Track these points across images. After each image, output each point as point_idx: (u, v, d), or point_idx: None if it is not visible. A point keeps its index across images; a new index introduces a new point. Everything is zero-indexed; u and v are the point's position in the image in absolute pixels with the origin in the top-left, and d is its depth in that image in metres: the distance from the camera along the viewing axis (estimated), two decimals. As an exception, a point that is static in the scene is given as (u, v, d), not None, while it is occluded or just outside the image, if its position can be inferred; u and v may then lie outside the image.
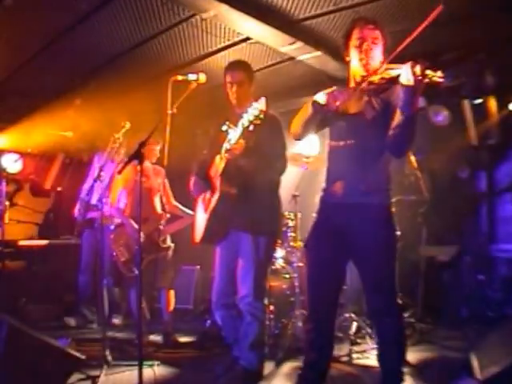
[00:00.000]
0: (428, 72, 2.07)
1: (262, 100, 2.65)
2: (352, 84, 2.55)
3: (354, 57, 2.49)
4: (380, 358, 2.55)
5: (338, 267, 2.56)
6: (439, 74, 2.07)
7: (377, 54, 2.44)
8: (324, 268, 2.54)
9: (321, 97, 2.51)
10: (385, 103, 2.42)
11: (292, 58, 4.60)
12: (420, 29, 2.11)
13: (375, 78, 2.31)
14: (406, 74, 2.11)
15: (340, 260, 2.55)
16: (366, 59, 2.43)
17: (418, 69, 2.07)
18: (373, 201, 2.45)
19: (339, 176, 2.52)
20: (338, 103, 2.41)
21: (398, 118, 2.27)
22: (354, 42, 2.47)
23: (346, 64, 2.57)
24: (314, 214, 2.67)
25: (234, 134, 2.86)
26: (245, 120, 2.71)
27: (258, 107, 2.64)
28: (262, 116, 2.65)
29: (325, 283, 2.55)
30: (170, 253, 4.27)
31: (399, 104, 2.23)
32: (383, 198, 2.49)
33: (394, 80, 2.22)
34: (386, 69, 2.27)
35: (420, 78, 2.07)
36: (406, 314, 4.07)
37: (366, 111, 2.44)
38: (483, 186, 4.83)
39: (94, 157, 5.07)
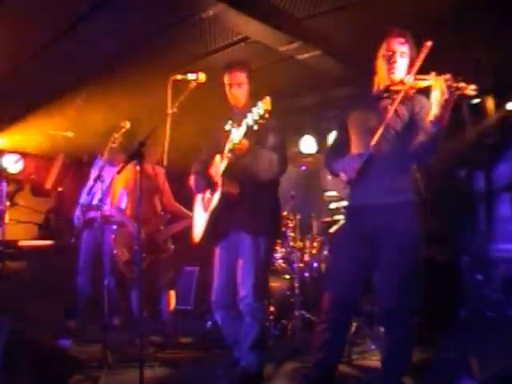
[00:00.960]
0: (462, 85, 2.22)
1: (267, 99, 2.66)
2: (376, 89, 2.69)
3: (381, 66, 2.63)
4: (384, 359, 2.56)
5: (361, 270, 2.62)
6: (472, 87, 2.22)
7: (403, 67, 2.58)
8: (348, 268, 2.61)
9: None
10: (409, 112, 2.56)
11: (291, 58, 4.59)
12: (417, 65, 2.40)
13: (402, 88, 2.45)
14: (439, 87, 2.26)
15: (365, 263, 2.61)
16: (393, 71, 2.57)
17: (452, 83, 2.22)
18: (399, 200, 2.55)
19: (365, 180, 2.58)
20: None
21: (427, 129, 2.40)
22: (383, 52, 2.61)
23: (374, 72, 2.70)
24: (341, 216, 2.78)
25: (237, 134, 2.85)
26: (249, 119, 2.71)
27: (263, 106, 2.64)
28: (267, 115, 2.66)
29: (347, 283, 2.61)
30: (171, 253, 4.27)
31: (430, 117, 2.37)
32: (409, 196, 2.57)
33: (423, 90, 2.41)
34: (415, 79, 2.43)
35: (454, 91, 2.23)
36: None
37: (391, 120, 2.53)
38: (481, 186, 4.82)
39: (95, 159, 5.06)
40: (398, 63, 2.57)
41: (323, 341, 2.62)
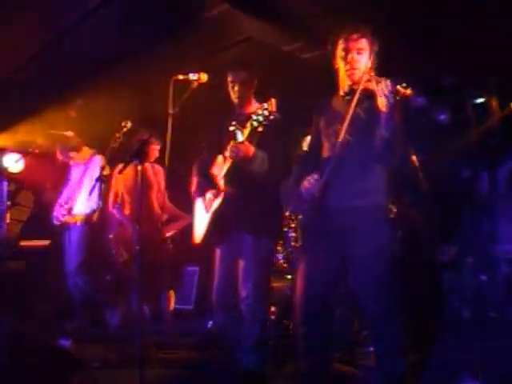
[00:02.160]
0: (398, 88, 2.22)
1: (272, 101, 2.66)
2: (341, 92, 2.61)
3: (339, 67, 2.56)
4: (378, 361, 2.53)
5: (333, 269, 2.54)
6: (409, 90, 2.22)
7: (362, 64, 2.50)
8: (320, 268, 2.52)
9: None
10: (370, 112, 2.45)
11: (294, 57, 4.59)
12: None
13: (359, 87, 2.39)
14: (380, 93, 2.25)
15: (336, 262, 2.53)
16: (351, 71, 2.49)
17: (388, 85, 2.22)
18: (368, 202, 2.48)
19: (335, 180, 2.51)
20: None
21: (379, 138, 2.37)
22: (339, 52, 2.53)
23: (335, 71, 2.62)
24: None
25: (241, 135, 2.84)
26: (254, 121, 2.70)
27: (268, 108, 2.64)
28: (272, 117, 2.66)
29: (319, 284, 2.52)
30: (170, 253, 4.27)
31: (380, 126, 2.34)
32: (379, 199, 2.52)
33: (373, 93, 2.34)
34: (368, 80, 2.37)
35: (395, 95, 2.22)
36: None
37: (353, 122, 2.44)
38: (485, 186, 4.81)
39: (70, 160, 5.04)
40: (355, 61, 2.48)
41: (305, 346, 2.54)
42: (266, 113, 2.65)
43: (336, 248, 2.50)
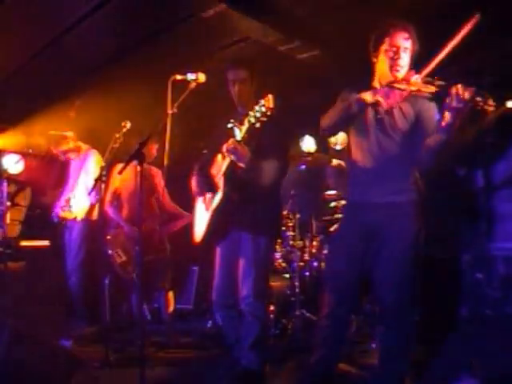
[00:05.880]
0: (479, 99, 2.20)
1: (269, 97, 2.66)
2: (377, 85, 2.64)
3: (383, 61, 2.56)
4: (383, 358, 2.56)
5: (361, 267, 2.63)
6: (490, 102, 2.20)
7: (407, 63, 2.54)
8: (348, 266, 2.62)
9: (368, 96, 2.53)
10: (415, 111, 2.55)
11: (290, 57, 4.60)
12: (456, 41, 2.37)
13: (408, 88, 2.41)
14: (455, 97, 2.24)
15: (363, 260, 2.62)
16: (397, 68, 2.52)
17: (467, 95, 2.20)
18: (403, 199, 2.57)
19: (369, 178, 2.60)
20: (393, 103, 2.51)
21: (436, 136, 2.43)
22: (386, 47, 2.53)
23: (372, 64, 2.65)
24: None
25: (238, 132, 2.84)
26: (251, 117, 2.71)
27: (265, 104, 2.65)
28: (269, 113, 2.66)
29: (347, 281, 2.63)
30: (168, 253, 4.28)
31: (440, 124, 2.38)
32: (412, 196, 2.60)
33: (433, 94, 2.40)
34: (424, 82, 2.38)
35: (469, 104, 2.22)
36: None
37: (397, 119, 2.54)
38: (481, 185, 4.82)
39: (70, 160, 5.04)
40: (401, 59, 2.51)
41: (323, 338, 2.64)
42: (263, 109, 2.65)
43: (365, 244, 2.60)
